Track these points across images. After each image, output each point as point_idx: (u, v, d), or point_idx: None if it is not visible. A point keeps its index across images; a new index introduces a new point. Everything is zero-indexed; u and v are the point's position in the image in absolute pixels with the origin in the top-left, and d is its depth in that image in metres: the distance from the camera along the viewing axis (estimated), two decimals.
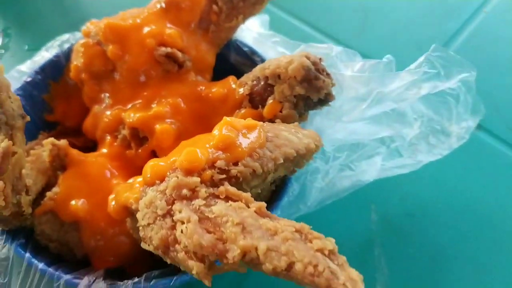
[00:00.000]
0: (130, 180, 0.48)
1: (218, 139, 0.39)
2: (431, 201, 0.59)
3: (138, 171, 0.52)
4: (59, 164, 0.50)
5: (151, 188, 0.37)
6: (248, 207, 0.34)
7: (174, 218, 0.34)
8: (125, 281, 0.43)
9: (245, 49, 0.60)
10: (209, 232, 0.32)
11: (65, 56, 0.60)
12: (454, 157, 0.54)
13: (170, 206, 0.35)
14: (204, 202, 0.34)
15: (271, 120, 0.49)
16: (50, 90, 0.60)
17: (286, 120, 0.49)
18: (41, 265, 0.42)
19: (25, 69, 0.59)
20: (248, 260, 0.31)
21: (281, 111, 0.49)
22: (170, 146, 0.51)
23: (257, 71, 0.51)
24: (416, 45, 0.70)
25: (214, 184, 0.37)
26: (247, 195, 0.35)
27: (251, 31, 0.61)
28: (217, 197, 0.35)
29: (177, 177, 0.36)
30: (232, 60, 0.62)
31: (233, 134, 0.40)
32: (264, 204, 0.35)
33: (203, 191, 0.35)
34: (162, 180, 0.38)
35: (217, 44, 0.58)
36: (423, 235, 0.56)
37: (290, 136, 0.43)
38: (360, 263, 0.49)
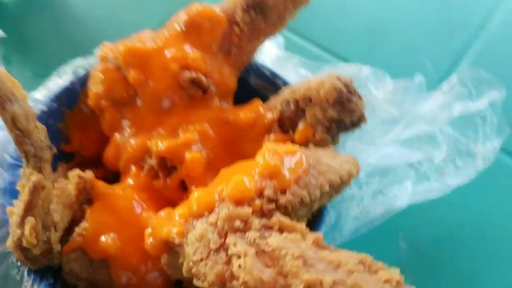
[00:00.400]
0: (162, 213, 0.46)
1: (263, 167, 0.38)
2: (458, 226, 0.58)
3: (167, 202, 0.50)
4: (86, 197, 0.47)
5: (199, 220, 0.36)
6: (304, 238, 0.33)
7: (228, 252, 0.32)
8: None
9: (266, 72, 0.59)
10: (268, 266, 0.31)
11: (80, 83, 0.59)
12: (480, 182, 0.54)
13: (223, 239, 0.33)
14: (258, 234, 0.33)
15: (303, 145, 0.48)
16: (65, 118, 0.58)
17: (319, 144, 0.48)
18: None
19: (39, 97, 0.57)
20: None
21: (313, 135, 0.48)
22: (201, 175, 0.50)
23: (286, 94, 0.50)
24: (424, 62, 0.71)
25: (264, 214, 0.35)
26: (302, 226, 0.34)
27: (269, 54, 0.61)
28: (270, 228, 0.34)
29: (228, 209, 0.34)
30: (252, 84, 0.61)
31: (277, 161, 0.38)
32: (321, 234, 0.33)
33: (256, 222, 0.34)
34: (210, 212, 0.36)
35: (238, 67, 0.57)
36: (453, 261, 0.55)
37: (331, 162, 0.42)
38: None
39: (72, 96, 0.59)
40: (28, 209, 0.40)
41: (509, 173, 0.64)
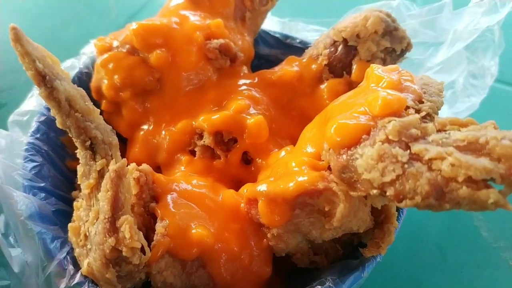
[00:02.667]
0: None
1: (389, 83, 0.34)
2: None
3: (233, 180, 0.43)
4: (149, 195, 0.38)
5: (360, 146, 0.30)
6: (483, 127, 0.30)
7: (424, 159, 0.28)
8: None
9: (277, 35, 0.56)
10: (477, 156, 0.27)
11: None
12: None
13: (408, 151, 0.29)
14: (441, 135, 0.29)
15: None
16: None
17: None
18: None
19: (31, 108, 0.46)
20: None
21: None
22: (267, 140, 0.44)
23: (328, 37, 0.47)
24: None
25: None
26: (470, 118, 0.31)
27: (272, 23, 0.57)
28: (443, 130, 0.30)
29: (395, 120, 0.30)
30: (262, 53, 0.57)
31: (394, 77, 0.35)
32: (493, 121, 0.31)
33: (431, 126, 0.30)
34: (357, 138, 0.31)
35: (253, 32, 0.53)
36: None
37: (420, 76, 0.40)
38: None
39: None
40: (117, 207, 0.31)
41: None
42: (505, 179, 0.26)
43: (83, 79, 0.50)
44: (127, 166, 0.37)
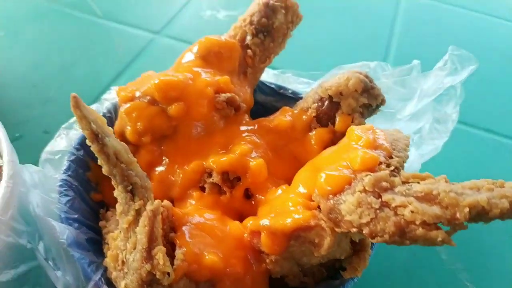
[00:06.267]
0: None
1: (367, 142, 0.43)
2: None
3: (236, 212, 0.52)
4: (169, 226, 0.46)
5: (343, 194, 0.39)
6: (436, 180, 0.39)
7: (391, 206, 0.37)
8: None
9: (272, 86, 0.65)
10: (430, 205, 0.36)
11: None
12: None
13: (380, 199, 0.37)
14: (405, 187, 0.38)
15: (343, 134, 0.54)
16: (90, 167, 0.55)
17: None
18: None
19: (62, 148, 0.53)
20: (474, 214, 0.35)
21: (352, 122, 0.55)
22: (265, 179, 0.52)
23: (316, 94, 0.57)
24: None
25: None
26: (428, 173, 0.40)
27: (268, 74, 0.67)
28: (407, 182, 0.39)
29: (371, 175, 0.39)
30: (259, 99, 0.65)
31: (370, 136, 0.44)
32: (444, 175, 0.40)
33: (397, 179, 0.39)
34: (341, 187, 0.40)
35: (253, 84, 0.62)
36: None
37: (391, 131, 0.49)
38: None
39: None
40: (152, 239, 0.39)
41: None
42: (450, 223, 0.35)
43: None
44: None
